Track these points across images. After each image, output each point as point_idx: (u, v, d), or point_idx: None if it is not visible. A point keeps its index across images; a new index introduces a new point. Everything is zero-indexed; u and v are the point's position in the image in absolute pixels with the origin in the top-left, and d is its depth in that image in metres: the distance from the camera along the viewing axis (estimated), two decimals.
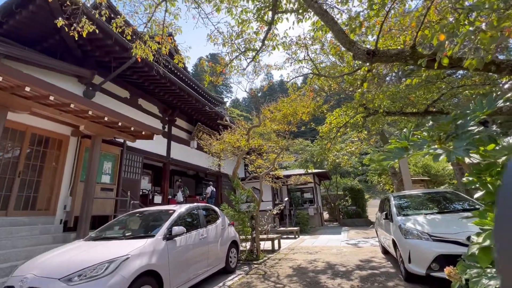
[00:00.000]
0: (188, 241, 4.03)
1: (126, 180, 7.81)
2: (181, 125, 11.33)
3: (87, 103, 5.19)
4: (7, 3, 5.39)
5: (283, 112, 6.95)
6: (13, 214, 5.24)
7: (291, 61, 5.83)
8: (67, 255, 3.03)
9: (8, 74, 3.91)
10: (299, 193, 15.91)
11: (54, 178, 6.09)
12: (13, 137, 5.41)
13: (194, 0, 4.24)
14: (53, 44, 6.43)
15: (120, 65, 6.91)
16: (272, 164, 7.64)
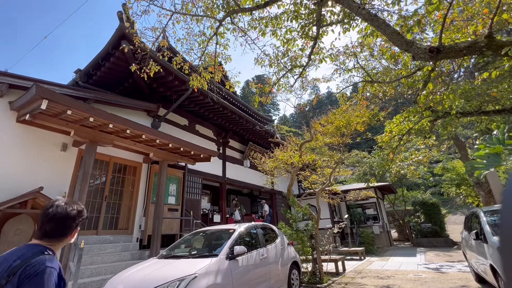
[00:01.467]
0: (249, 261, 4.03)
1: (189, 201, 8.40)
2: (234, 146, 11.85)
3: (155, 133, 5.89)
4: (95, 59, 6.67)
5: (335, 124, 6.68)
6: (102, 233, 6.10)
7: (340, 71, 5.65)
8: (145, 271, 3.34)
9: (97, 115, 4.74)
10: (360, 209, 14.65)
11: (131, 201, 6.94)
12: (100, 166, 6.43)
13: (240, 29, 4.56)
14: (127, 86, 7.62)
15: (180, 97, 7.73)
16: (328, 179, 7.27)
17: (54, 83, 5.50)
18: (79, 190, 4.81)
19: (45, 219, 1.22)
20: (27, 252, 1.13)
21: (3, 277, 1.04)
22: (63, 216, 1.24)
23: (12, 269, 1.06)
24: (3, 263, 1.10)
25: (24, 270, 1.05)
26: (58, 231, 1.23)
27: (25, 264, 1.07)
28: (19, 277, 1.03)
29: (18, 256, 1.11)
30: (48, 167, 5.40)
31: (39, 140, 5.37)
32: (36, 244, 1.19)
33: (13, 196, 4.43)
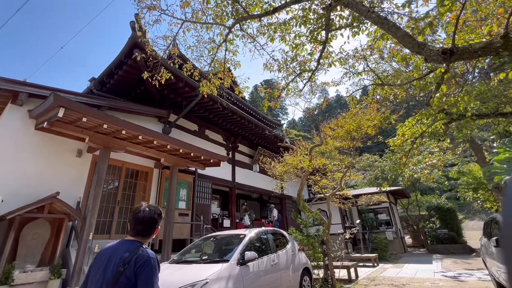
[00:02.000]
0: (260, 267, 4.00)
1: (199, 206, 8.45)
2: (243, 151, 11.88)
3: (166, 139, 5.99)
4: (108, 67, 6.89)
5: (345, 128, 6.60)
6: (115, 237, 6.20)
7: (350, 75, 5.60)
8: None
9: (111, 122, 4.88)
10: (372, 214, 14.31)
11: None
12: (113, 171, 6.58)
13: (249, 36, 4.61)
14: (139, 93, 7.80)
15: (190, 103, 7.85)
16: (339, 184, 7.17)
17: (70, 92, 5.70)
18: (93, 195, 4.93)
19: (137, 221, 1.59)
20: (130, 246, 1.51)
21: (120, 265, 1.41)
22: (149, 219, 1.60)
23: (124, 259, 1.43)
24: (114, 254, 1.48)
25: (136, 260, 1.42)
26: (146, 230, 1.60)
27: (134, 255, 1.44)
28: (134, 265, 1.41)
29: (125, 250, 1.48)
30: (64, 173, 5.57)
31: (56, 147, 5.55)
32: (133, 241, 1.57)
33: (31, 201, 4.58)
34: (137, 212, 1.61)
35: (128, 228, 1.64)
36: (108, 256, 1.50)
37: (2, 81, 4.65)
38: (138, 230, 1.58)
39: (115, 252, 1.50)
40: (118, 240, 1.61)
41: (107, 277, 1.41)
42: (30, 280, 4.09)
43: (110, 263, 1.46)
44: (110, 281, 1.39)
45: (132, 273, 1.39)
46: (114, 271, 1.41)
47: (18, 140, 5.04)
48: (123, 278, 1.38)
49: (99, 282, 1.43)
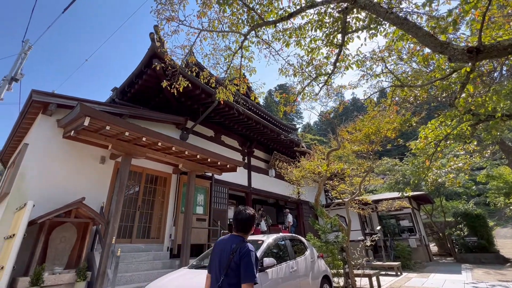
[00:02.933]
0: (279, 273, 3.94)
1: (216, 211, 8.51)
2: (259, 156, 11.89)
3: (184, 145, 6.12)
4: (129, 77, 7.19)
5: (364, 132, 6.44)
6: (135, 241, 6.37)
7: (367, 77, 5.49)
8: (177, 281, 3.41)
9: (132, 129, 5.06)
10: (394, 220, 13.76)
11: (162, 211, 7.20)
12: (134, 177, 6.80)
13: (264, 42, 4.65)
14: (158, 101, 8.06)
15: (206, 109, 8.00)
16: (358, 189, 6.97)
17: (94, 101, 6.00)
18: (116, 200, 5.11)
19: (239, 221, 2.13)
20: (236, 240, 2.06)
21: (230, 253, 1.96)
22: (246, 219, 2.13)
23: (233, 249, 1.97)
24: (226, 245, 2.06)
25: (240, 250, 1.94)
26: (245, 228, 2.13)
27: (239, 247, 1.97)
28: (239, 253, 1.93)
29: (233, 242, 2.03)
30: (88, 179, 5.82)
31: (81, 154, 5.83)
32: (237, 236, 2.11)
33: (59, 205, 4.81)
34: (238, 214, 2.15)
35: (233, 226, 2.19)
36: (223, 245, 2.09)
37: (34, 93, 4.98)
38: (239, 228, 2.13)
39: (227, 243, 2.08)
40: (229, 234, 2.19)
41: (222, 261, 1.99)
42: (58, 282, 4.28)
43: (224, 251, 2.03)
44: (225, 264, 1.95)
45: (238, 259, 1.91)
46: (227, 257, 1.97)
47: (48, 148, 5.35)
48: (232, 263, 1.92)
49: (217, 264, 2.02)
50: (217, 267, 2.01)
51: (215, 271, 2.01)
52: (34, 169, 5.07)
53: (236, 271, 1.89)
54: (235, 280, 1.89)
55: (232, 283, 1.89)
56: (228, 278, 1.90)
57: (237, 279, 1.88)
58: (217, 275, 1.97)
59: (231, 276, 1.90)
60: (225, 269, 1.92)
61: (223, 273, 1.92)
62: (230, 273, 1.91)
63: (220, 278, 1.92)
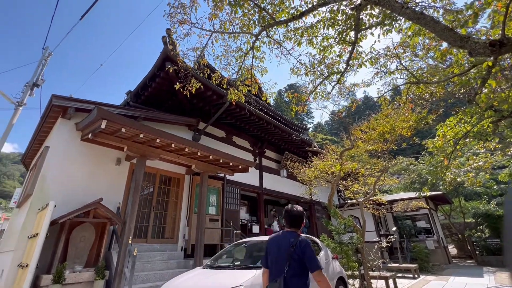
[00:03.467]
0: None
1: (228, 211, 8.56)
2: (270, 156, 11.86)
3: (197, 146, 6.19)
4: (143, 80, 7.35)
5: (378, 130, 6.30)
6: (150, 241, 6.49)
7: (381, 74, 5.36)
8: (192, 281, 3.45)
9: (147, 131, 5.17)
10: (410, 221, 13.39)
11: (175, 211, 7.31)
12: (149, 178, 6.93)
13: (276, 42, 4.63)
14: (170, 103, 8.20)
15: (217, 110, 8.06)
16: (372, 189, 6.82)
17: (110, 105, 6.17)
18: (132, 201, 5.23)
19: (291, 218, 2.37)
20: (292, 235, 2.27)
21: (289, 247, 2.14)
22: (298, 215, 2.37)
23: (291, 243, 2.16)
24: (282, 240, 2.27)
25: (300, 243, 2.15)
26: (298, 223, 2.36)
27: (298, 240, 2.18)
28: (299, 246, 2.13)
29: (290, 237, 2.23)
30: (105, 180, 5.99)
31: (98, 156, 6.01)
32: (291, 231, 2.33)
33: (78, 206, 4.97)
34: (289, 212, 2.40)
35: (284, 223, 2.44)
36: (278, 241, 2.31)
37: (54, 97, 5.17)
38: (292, 223, 2.36)
39: (283, 239, 2.28)
40: (281, 231, 2.42)
41: (281, 255, 2.18)
42: (78, 280, 4.42)
43: (281, 246, 2.23)
44: (285, 257, 2.14)
45: (299, 251, 2.12)
46: (286, 251, 2.15)
47: (67, 151, 5.55)
48: (295, 255, 2.11)
49: (275, 258, 2.23)
50: (277, 261, 2.21)
51: (276, 265, 2.21)
52: (54, 171, 5.26)
53: (298, 262, 2.11)
54: (298, 270, 2.11)
55: (296, 273, 2.11)
56: (292, 269, 2.10)
57: (299, 269, 2.12)
58: (280, 267, 2.15)
59: (294, 266, 2.11)
60: (288, 261, 2.11)
61: (286, 264, 2.11)
62: (293, 264, 2.11)
63: (284, 270, 2.10)
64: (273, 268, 2.24)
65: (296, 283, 2.09)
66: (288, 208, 2.44)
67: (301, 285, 2.12)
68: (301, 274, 2.11)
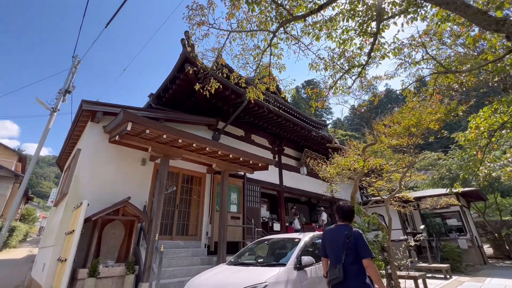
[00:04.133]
0: (318, 272, 3.86)
1: (249, 209, 8.62)
2: (289, 153, 11.78)
3: (217, 145, 6.29)
4: (164, 83, 7.59)
5: (403, 124, 6.02)
6: (175, 238, 6.71)
7: (405, 65, 5.12)
8: (218, 277, 3.52)
9: (169, 132, 5.34)
10: (439, 219, 12.69)
11: (198, 209, 7.49)
12: (172, 178, 7.16)
13: (293, 37, 4.58)
14: (190, 104, 8.39)
15: (236, 110, 8.13)
16: (398, 185, 6.55)
17: (134, 108, 6.44)
18: (157, 199, 5.43)
19: (343, 212, 2.73)
20: (345, 227, 2.62)
21: (345, 238, 2.51)
22: (350, 210, 2.76)
23: (346, 234, 2.53)
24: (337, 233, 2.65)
25: (354, 234, 2.53)
26: (350, 217, 2.73)
27: (351, 232, 2.55)
28: (353, 237, 2.50)
29: (344, 230, 2.60)
30: (132, 180, 6.27)
31: (125, 157, 6.30)
32: (344, 224, 2.69)
33: (108, 205, 5.26)
34: (341, 207, 2.77)
35: (336, 217, 2.79)
36: (333, 234, 2.69)
37: (84, 103, 5.49)
38: (345, 217, 2.71)
39: (338, 231, 2.64)
40: (334, 225, 2.81)
41: (337, 245, 2.56)
42: (111, 274, 4.68)
43: (336, 237, 2.61)
44: (341, 247, 2.51)
45: (354, 241, 2.48)
46: (342, 241, 2.52)
47: (97, 152, 5.87)
48: (350, 244, 2.47)
49: (333, 248, 2.61)
50: (334, 250, 2.59)
51: (334, 254, 2.59)
52: (86, 172, 5.60)
53: (353, 250, 2.46)
54: (353, 258, 2.45)
55: (352, 261, 2.45)
56: (348, 256, 2.46)
57: (354, 257, 2.46)
58: (337, 256, 2.52)
59: (350, 254, 2.46)
60: (344, 250, 2.47)
61: (343, 253, 2.47)
62: (349, 252, 2.46)
63: (342, 258, 2.46)
64: (332, 257, 2.63)
65: (354, 269, 2.43)
66: (339, 204, 2.82)
67: (358, 270, 2.44)
68: (357, 261, 2.44)
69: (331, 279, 2.51)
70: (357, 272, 2.43)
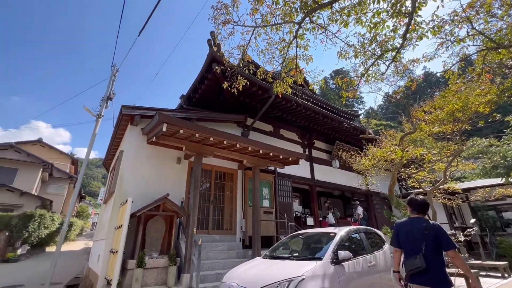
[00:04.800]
0: (356, 267, 3.76)
1: (281, 204, 8.64)
2: (320, 147, 11.50)
3: (247, 141, 6.38)
4: (193, 84, 7.87)
5: (447, 109, 5.52)
6: (211, 232, 6.99)
7: (447, 44, 4.65)
8: (254, 270, 3.60)
9: (201, 131, 5.54)
10: (493, 212, 11.46)
11: (231, 204, 7.70)
12: (205, 175, 7.44)
13: (320, 26, 4.42)
14: (218, 102, 8.60)
15: (263, 105, 8.14)
16: (443, 176, 6.04)
17: (168, 109, 6.78)
18: (193, 195, 5.70)
19: (418, 205, 2.81)
20: (421, 220, 2.72)
21: (423, 230, 2.59)
22: (425, 203, 2.83)
23: (424, 226, 2.61)
24: (415, 224, 2.71)
25: (433, 226, 2.59)
26: (424, 210, 2.81)
27: (429, 224, 2.61)
28: (433, 228, 2.57)
29: (420, 222, 2.68)
30: (169, 178, 6.64)
31: (162, 157, 6.69)
32: (420, 217, 2.78)
33: (149, 201, 5.65)
34: (415, 200, 2.84)
35: (409, 210, 2.90)
36: (408, 226, 2.77)
37: (124, 108, 5.93)
38: (420, 210, 2.80)
39: (413, 224, 2.73)
40: (407, 218, 2.89)
41: (416, 236, 2.63)
42: (155, 265, 5.05)
43: (414, 229, 2.68)
44: (420, 238, 2.59)
45: (433, 232, 2.55)
46: (421, 233, 2.60)
47: (137, 153, 6.32)
48: (430, 236, 2.54)
49: (409, 240, 2.70)
50: (411, 242, 2.68)
51: (411, 245, 2.68)
52: (129, 172, 6.07)
53: (434, 241, 2.53)
54: (433, 249, 2.53)
55: (432, 252, 2.53)
56: (429, 247, 2.53)
57: (434, 248, 2.53)
58: (416, 247, 2.60)
59: (431, 246, 2.53)
60: (424, 241, 2.56)
61: (423, 244, 2.55)
62: (430, 243, 2.54)
63: (422, 248, 2.55)
64: (407, 248, 2.73)
65: (434, 260, 2.51)
66: (412, 198, 2.89)
67: (439, 262, 2.52)
68: (436, 252, 2.54)
69: (411, 268, 2.57)
70: (439, 264, 2.51)
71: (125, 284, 4.74)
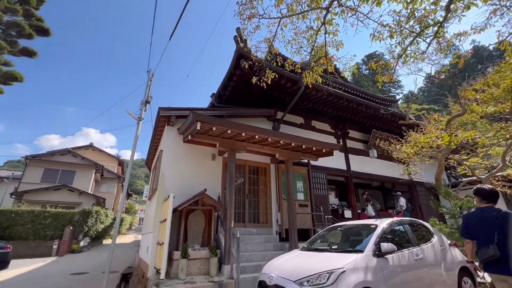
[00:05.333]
0: (401, 260, 3.56)
1: (316, 196, 8.49)
2: (355, 136, 11.00)
3: (278, 135, 6.36)
4: (222, 82, 8.05)
5: (504, 86, 4.88)
6: (248, 226, 7.16)
7: (501, 11, 4.08)
8: (293, 261, 3.63)
9: (233, 127, 5.66)
10: None
11: (266, 198, 7.78)
12: (239, 170, 7.61)
13: (349, 8, 4.19)
14: (248, 98, 8.67)
15: (293, 97, 8.01)
16: (501, 161, 5.38)
17: (200, 108, 7.05)
18: (229, 190, 5.88)
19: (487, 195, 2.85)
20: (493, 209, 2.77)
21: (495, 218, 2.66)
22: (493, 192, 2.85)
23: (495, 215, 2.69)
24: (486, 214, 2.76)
25: (505, 214, 2.65)
26: (495, 198, 2.82)
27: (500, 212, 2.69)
28: (506, 217, 2.62)
29: (492, 211, 2.74)
30: (205, 174, 6.93)
31: (197, 154, 7.00)
32: (490, 206, 2.82)
33: (188, 197, 5.96)
34: (483, 190, 2.89)
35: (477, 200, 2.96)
36: (478, 216, 2.83)
37: (161, 109, 6.31)
38: (489, 199, 2.82)
39: (484, 214, 2.78)
40: (476, 208, 2.94)
41: (487, 226, 2.69)
42: (198, 256, 5.35)
43: (484, 219, 2.75)
44: (491, 228, 2.65)
45: (506, 221, 2.59)
46: (492, 222, 2.66)
47: (176, 152, 6.70)
48: (503, 224, 2.59)
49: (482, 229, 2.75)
50: (484, 231, 2.71)
51: (483, 235, 2.71)
52: (169, 169, 6.47)
53: (505, 228, 2.57)
54: (506, 237, 2.55)
55: (506, 239, 2.55)
56: (501, 235, 2.58)
57: (507, 235, 2.55)
58: (489, 237, 2.63)
59: (504, 234, 2.57)
60: (496, 230, 2.60)
61: (495, 233, 2.59)
62: (502, 232, 2.58)
63: (494, 238, 2.58)
64: (480, 238, 2.75)
65: (508, 249, 2.51)
66: (479, 187, 2.95)
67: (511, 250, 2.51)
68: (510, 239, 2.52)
69: (484, 258, 2.60)
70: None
71: (172, 273, 5.11)
